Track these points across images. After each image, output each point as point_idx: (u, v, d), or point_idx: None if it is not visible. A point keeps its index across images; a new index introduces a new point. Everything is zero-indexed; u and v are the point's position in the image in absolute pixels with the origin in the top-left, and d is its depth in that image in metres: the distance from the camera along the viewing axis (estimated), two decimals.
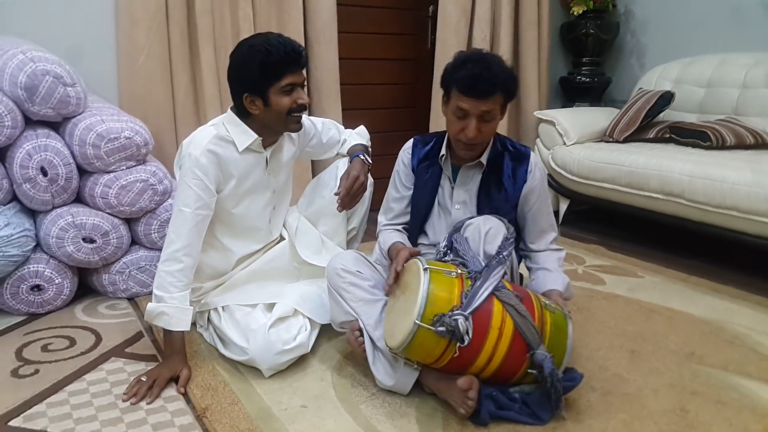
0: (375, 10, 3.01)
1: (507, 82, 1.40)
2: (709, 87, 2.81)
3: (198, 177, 1.45)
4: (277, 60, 1.41)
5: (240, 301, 1.58)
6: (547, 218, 1.60)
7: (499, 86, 1.38)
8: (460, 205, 1.55)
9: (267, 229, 1.70)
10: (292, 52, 1.43)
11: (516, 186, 1.53)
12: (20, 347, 1.60)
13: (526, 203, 1.55)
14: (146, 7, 2.26)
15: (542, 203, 1.57)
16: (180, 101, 2.40)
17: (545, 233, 1.60)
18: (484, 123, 1.41)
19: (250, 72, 1.43)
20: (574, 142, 2.79)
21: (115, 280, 1.91)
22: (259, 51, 1.41)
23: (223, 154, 1.49)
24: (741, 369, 1.52)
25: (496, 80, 1.38)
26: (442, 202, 1.58)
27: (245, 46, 1.46)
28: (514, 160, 1.54)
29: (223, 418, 1.28)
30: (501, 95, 1.40)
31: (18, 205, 1.78)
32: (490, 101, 1.39)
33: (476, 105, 1.38)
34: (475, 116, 1.40)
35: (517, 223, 1.57)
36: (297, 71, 1.46)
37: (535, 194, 1.55)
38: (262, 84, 1.44)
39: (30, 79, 1.67)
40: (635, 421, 1.29)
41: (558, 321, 1.29)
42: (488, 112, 1.40)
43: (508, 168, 1.53)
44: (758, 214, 2.03)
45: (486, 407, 1.25)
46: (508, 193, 1.53)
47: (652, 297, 2.00)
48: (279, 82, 1.44)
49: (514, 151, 1.55)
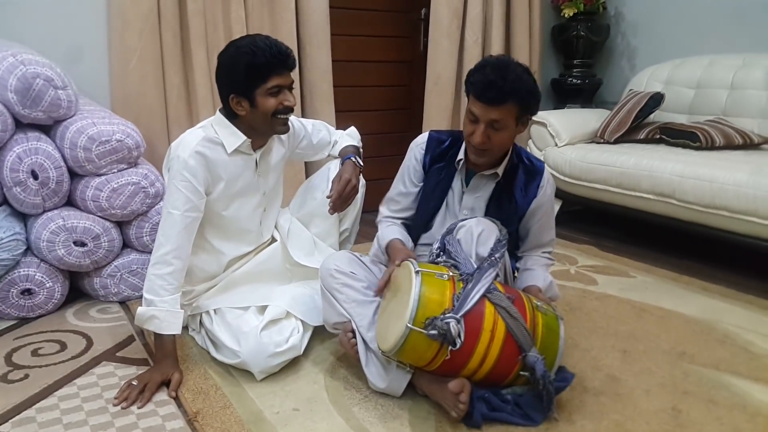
0: (367, 12, 3.02)
1: (521, 93, 1.34)
2: (698, 88, 2.83)
3: (186, 179, 1.44)
4: (263, 62, 1.41)
5: (232, 304, 1.57)
6: (548, 233, 1.60)
7: (511, 96, 1.33)
8: (468, 211, 1.54)
9: (258, 231, 1.69)
10: (279, 54, 1.43)
11: (526, 199, 1.51)
12: (10, 352, 1.59)
13: (532, 217, 1.54)
14: (138, 9, 2.26)
15: (547, 218, 1.57)
16: (172, 103, 2.40)
17: (544, 246, 1.61)
18: (494, 131, 1.37)
19: (236, 73, 1.42)
20: (565, 144, 2.80)
21: (106, 284, 1.90)
22: (245, 53, 1.41)
23: (212, 155, 1.49)
24: (732, 368, 1.53)
25: (509, 89, 1.32)
26: (450, 206, 1.56)
27: (232, 47, 1.46)
28: (528, 173, 1.52)
29: (215, 422, 1.28)
30: (514, 106, 1.34)
31: (8, 209, 1.77)
32: (500, 110, 1.34)
33: (486, 111, 1.35)
34: (484, 122, 1.36)
35: (518, 232, 1.57)
36: (284, 73, 1.46)
37: (542, 210, 1.54)
38: (248, 85, 1.44)
39: (20, 82, 1.66)
40: (627, 421, 1.29)
41: (549, 322, 1.29)
42: (497, 121, 1.35)
43: (521, 181, 1.51)
44: (748, 214, 2.05)
45: (479, 409, 1.25)
46: (517, 206, 1.51)
47: (644, 297, 2.01)
48: (265, 83, 1.43)
49: (528, 165, 1.53)
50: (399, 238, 1.54)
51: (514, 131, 1.41)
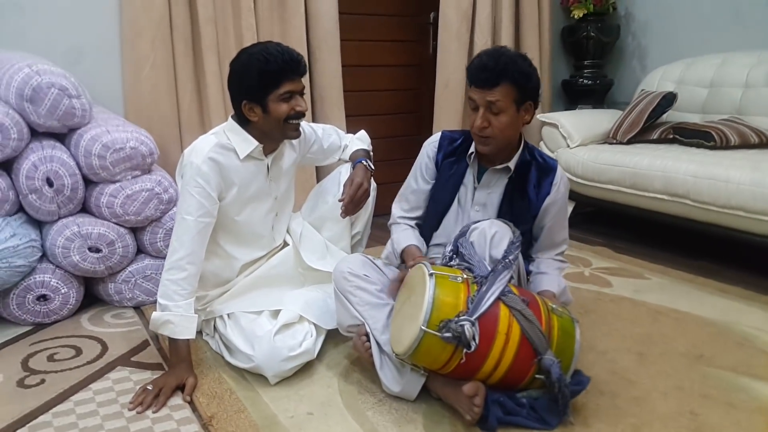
0: (377, 17, 3.03)
1: (514, 75, 1.37)
2: (711, 87, 2.80)
3: (200, 185, 1.46)
4: (275, 68, 1.43)
5: (245, 308, 1.58)
6: (561, 232, 1.60)
7: (503, 76, 1.37)
8: (480, 207, 1.54)
9: (270, 235, 1.70)
10: (291, 60, 1.44)
11: (539, 197, 1.52)
12: (26, 357, 1.61)
13: (545, 215, 1.54)
14: (150, 17, 2.28)
15: (561, 217, 1.57)
16: (185, 111, 2.42)
17: (557, 246, 1.60)
18: (492, 115, 1.40)
19: (249, 79, 1.44)
20: (577, 145, 2.79)
21: (121, 289, 1.91)
22: (257, 59, 1.42)
23: (225, 161, 1.50)
24: (750, 371, 1.51)
25: (501, 69, 1.36)
26: (462, 202, 1.57)
27: (244, 54, 1.48)
28: (540, 171, 1.53)
29: (229, 426, 1.28)
30: (510, 87, 1.38)
31: (24, 216, 1.79)
32: (495, 92, 1.37)
33: (482, 95, 1.39)
34: (483, 106, 1.40)
35: (531, 232, 1.56)
36: (295, 79, 1.47)
37: (555, 207, 1.54)
38: (260, 91, 1.45)
39: (35, 91, 1.68)
40: (644, 425, 1.28)
41: (565, 325, 1.28)
42: (494, 103, 1.38)
43: (534, 178, 1.52)
44: (764, 214, 2.02)
45: (494, 413, 1.24)
46: (530, 203, 1.52)
47: (659, 299, 1.99)
48: (277, 89, 1.45)
49: (541, 162, 1.54)
50: (415, 244, 1.55)
51: (515, 117, 1.42)
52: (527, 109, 1.44)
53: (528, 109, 1.44)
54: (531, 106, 1.44)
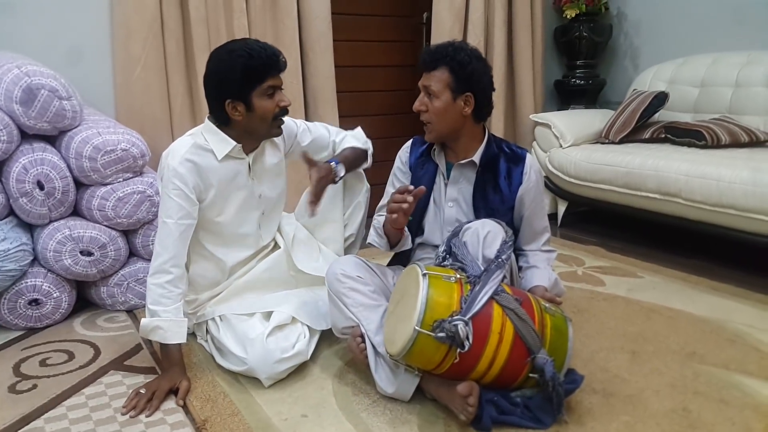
0: (370, 18, 3.02)
1: (451, 61, 1.43)
2: (702, 86, 2.82)
3: (177, 187, 1.45)
4: (259, 63, 1.42)
5: (237, 311, 1.57)
6: (541, 221, 1.61)
7: (440, 61, 1.43)
8: (453, 202, 1.56)
9: (257, 234, 1.67)
10: (273, 55, 1.45)
11: (512, 188, 1.53)
12: (18, 362, 1.59)
13: (522, 205, 1.55)
14: (142, 18, 2.27)
15: (537, 205, 1.58)
16: (177, 112, 2.41)
17: (539, 235, 1.61)
18: (429, 99, 1.47)
19: (232, 76, 1.42)
20: (570, 145, 2.79)
21: (113, 293, 1.90)
22: (240, 55, 1.41)
23: (202, 162, 1.49)
24: (742, 368, 1.52)
25: (440, 54, 1.44)
26: (437, 200, 1.58)
27: (224, 51, 1.46)
28: (510, 161, 1.54)
29: (223, 429, 1.27)
30: (446, 72, 1.44)
31: (15, 220, 1.78)
32: (431, 75, 1.45)
33: (423, 79, 1.48)
34: (423, 89, 1.47)
35: (513, 225, 1.57)
36: (277, 75, 1.47)
37: (530, 196, 1.55)
38: (244, 88, 1.44)
39: (25, 93, 1.67)
40: (638, 423, 1.28)
41: (558, 324, 1.28)
42: (429, 87, 1.45)
43: (504, 170, 1.53)
44: (755, 212, 2.03)
45: (488, 412, 1.24)
46: (504, 195, 1.53)
47: (652, 297, 1.99)
48: (261, 84, 1.44)
49: (509, 153, 1.56)
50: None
51: (451, 105, 1.46)
52: (466, 101, 1.46)
53: (467, 102, 1.46)
54: (470, 98, 1.46)
